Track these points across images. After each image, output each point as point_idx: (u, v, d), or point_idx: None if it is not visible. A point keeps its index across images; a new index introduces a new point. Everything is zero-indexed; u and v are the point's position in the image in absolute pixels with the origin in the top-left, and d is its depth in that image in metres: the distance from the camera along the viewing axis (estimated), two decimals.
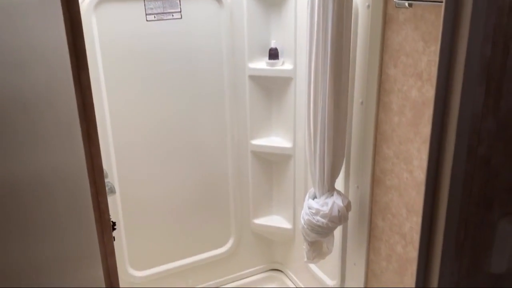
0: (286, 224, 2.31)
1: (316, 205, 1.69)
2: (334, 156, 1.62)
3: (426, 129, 1.37)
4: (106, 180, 1.55)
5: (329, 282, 2.01)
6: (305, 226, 1.73)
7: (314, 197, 1.75)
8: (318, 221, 1.67)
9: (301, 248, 1.90)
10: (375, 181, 1.65)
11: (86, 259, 0.72)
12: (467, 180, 0.65)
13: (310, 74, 1.59)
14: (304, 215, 1.73)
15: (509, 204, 0.71)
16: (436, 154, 0.66)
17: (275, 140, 2.22)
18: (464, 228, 0.68)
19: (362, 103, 1.61)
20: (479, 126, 0.63)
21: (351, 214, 1.75)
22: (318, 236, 1.74)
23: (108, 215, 1.12)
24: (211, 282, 2.32)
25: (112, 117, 1.88)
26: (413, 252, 1.53)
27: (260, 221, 2.35)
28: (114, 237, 1.25)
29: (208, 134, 2.13)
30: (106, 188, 1.26)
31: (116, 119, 1.89)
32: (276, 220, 2.36)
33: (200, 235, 2.24)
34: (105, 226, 1.11)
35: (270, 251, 2.47)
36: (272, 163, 2.29)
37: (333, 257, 1.90)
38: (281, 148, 2.18)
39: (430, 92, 1.33)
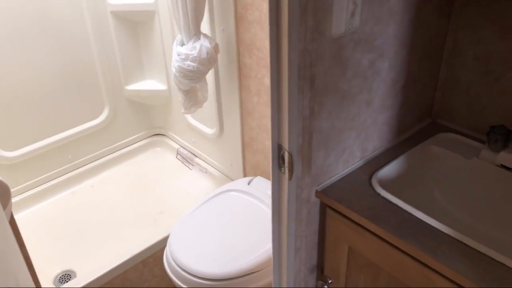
0: (161, 86, 2.30)
1: (185, 50, 1.69)
2: None
3: None
4: None
5: (209, 131, 2.11)
6: (177, 74, 1.75)
7: (182, 44, 1.74)
8: (188, 65, 1.69)
9: (180, 109, 1.92)
10: (238, 19, 1.67)
11: None
12: None
13: None
14: (174, 63, 1.73)
15: None
16: None
17: None
18: None
19: None
20: None
21: (220, 57, 1.79)
22: (191, 82, 1.77)
23: None
24: (92, 155, 2.29)
25: None
26: None
27: (133, 86, 2.30)
28: None
29: None
30: None
31: None
32: (150, 84, 2.33)
33: (71, 109, 2.14)
34: None
35: (149, 116, 2.47)
36: (136, 24, 2.18)
37: (210, 106, 1.98)
38: (143, 5, 2.07)
39: None
